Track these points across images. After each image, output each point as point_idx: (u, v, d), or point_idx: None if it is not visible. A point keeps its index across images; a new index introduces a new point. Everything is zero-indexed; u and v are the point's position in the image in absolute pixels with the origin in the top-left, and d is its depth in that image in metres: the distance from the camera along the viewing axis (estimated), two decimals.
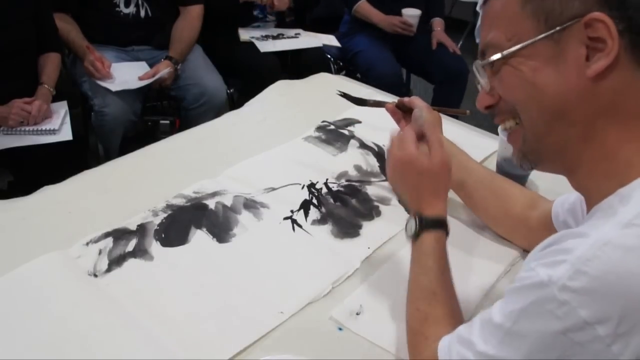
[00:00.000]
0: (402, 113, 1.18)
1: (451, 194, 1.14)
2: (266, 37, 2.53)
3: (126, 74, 2.14)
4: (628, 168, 0.59)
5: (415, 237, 0.81)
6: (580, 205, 0.82)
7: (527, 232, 0.99)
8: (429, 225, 0.80)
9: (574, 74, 0.59)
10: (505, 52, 0.63)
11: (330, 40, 2.64)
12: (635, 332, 0.50)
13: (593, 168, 0.63)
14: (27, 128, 1.82)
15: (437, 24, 2.77)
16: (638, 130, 0.59)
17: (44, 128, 1.84)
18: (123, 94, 2.05)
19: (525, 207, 0.99)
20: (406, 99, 1.17)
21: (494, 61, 0.65)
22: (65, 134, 1.85)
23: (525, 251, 1.02)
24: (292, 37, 2.59)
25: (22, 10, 1.89)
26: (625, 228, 0.52)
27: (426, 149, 0.83)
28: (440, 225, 0.81)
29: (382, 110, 1.24)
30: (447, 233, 0.81)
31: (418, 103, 1.14)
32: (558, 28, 0.59)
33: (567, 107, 0.61)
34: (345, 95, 1.26)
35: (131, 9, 2.23)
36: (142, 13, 2.25)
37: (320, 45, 2.56)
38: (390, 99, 1.35)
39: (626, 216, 0.53)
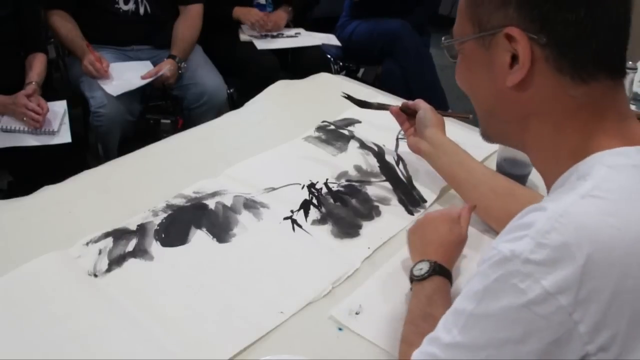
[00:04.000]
0: (406, 116, 1.20)
1: (453, 193, 1.14)
2: (265, 36, 2.52)
3: (129, 74, 2.13)
4: (574, 153, 0.61)
5: (425, 278, 0.84)
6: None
7: None
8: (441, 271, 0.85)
9: (500, 81, 0.63)
10: (450, 42, 0.69)
11: (330, 39, 2.63)
12: (593, 298, 0.51)
13: (539, 154, 0.66)
14: (25, 127, 1.80)
15: None
16: (573, 127, 0.61)
17: (42, 129, 1.82)
18: (120, 94, 2.05)
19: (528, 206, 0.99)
20: (410, 102, 1.21)
21: (448, 46, 0.70)
22: (64, 136, 1.83)
23: None
24: (292, 37, 2.59)
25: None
26: (582, 199, 0.55)
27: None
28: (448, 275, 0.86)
29: (383, 111, 1.25)
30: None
31: (423, 105, 1.17)
32: (483, 34, 0.63)
33: (496, 108, 0.66)
34: (349, 98, 1.27)
35: (130, 6, 2.22)
36: (142, 10, 2.24)
37: (320, 44, 2.55)
38: (393, 101, 1.36)
39: (584, 189, 0.55)
